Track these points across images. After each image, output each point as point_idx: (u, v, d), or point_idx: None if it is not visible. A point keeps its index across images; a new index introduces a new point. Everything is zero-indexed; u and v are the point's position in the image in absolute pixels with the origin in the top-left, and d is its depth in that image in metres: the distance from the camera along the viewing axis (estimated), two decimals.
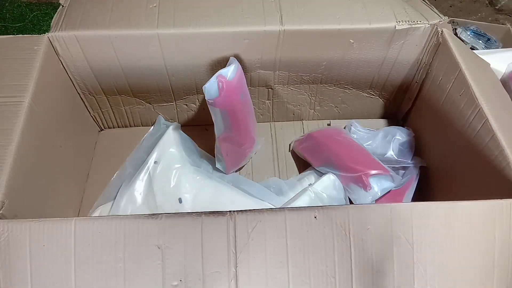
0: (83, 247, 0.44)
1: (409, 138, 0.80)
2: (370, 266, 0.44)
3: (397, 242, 0.45)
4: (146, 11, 0.69)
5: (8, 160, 0.53)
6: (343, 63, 0.75)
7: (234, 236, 0.44)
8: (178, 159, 0.77)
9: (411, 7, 0.72)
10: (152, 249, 0.44)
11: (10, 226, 0.45)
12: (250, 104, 0.75)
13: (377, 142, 0.80)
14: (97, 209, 0.73)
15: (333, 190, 0.72)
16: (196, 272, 0.44)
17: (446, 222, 0.45)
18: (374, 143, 0.80)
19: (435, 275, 0.45)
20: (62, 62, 0.70)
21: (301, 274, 0.44)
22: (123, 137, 0.86)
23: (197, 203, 0.72)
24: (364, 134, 0.81)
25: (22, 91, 0.58)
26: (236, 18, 0.69)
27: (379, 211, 0.45)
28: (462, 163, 0.66)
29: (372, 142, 0.80)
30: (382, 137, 0.80)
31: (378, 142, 0.80)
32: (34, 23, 0.67)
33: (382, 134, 0.81)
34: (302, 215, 0.45)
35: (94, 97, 0.79)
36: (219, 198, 0.73)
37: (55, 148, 0.67)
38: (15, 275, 0.44)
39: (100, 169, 0.81)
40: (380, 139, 0.80)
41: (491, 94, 0.63)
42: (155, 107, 0.83)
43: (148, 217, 0.45)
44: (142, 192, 0.73)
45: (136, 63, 0.71)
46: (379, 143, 0.80)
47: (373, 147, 0.80)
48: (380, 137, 0.80)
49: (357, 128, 0.82)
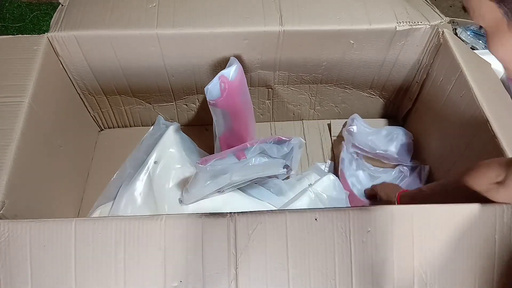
0: (83, 248, 0.44)
1: (409, 141, 0.81)
2: (370, 268, 0.44)
3: (397, 244, 0.45)
4: (146, 11, 0.69)
5: (8, 160, 0.52)
6: (343, 63, 0.75)
7: (235, 238, 0.44)
8: (178, 159, 0.77)
9: (412, 7, 0.72)
10: (152, 250, 0.44)
11: (10, 226, 0.45)
12: (251, 104, 0.75)
13: (380, 138, 0.80)
14: (97, 209, 0.73)
15: (333, 190, 0.72)
16: (196, 273, 0.44)
17: (446, 224, 0.45)
18: (377, 140, 0.80)
19: (436, 277, 0.45)
20: (61, 62, 0.69)
21: (301, 276, 0.44)
22: (123, 137, 0.86)
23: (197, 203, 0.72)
24: (366, 129, 0.82)
25: (22, 91, 0.58)
26: (236, 18, 0.69)
27: (379, 213, 0.45)
28: (463, 164, 0.66)
29: (375, 138, 0.80)
30: (385, 135, 0.81)
31: (381, 139, 0.80)
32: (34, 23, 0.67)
33: (386, 132, 0.81)
34: (302, 217, 0.45)
35: (94, 97, 0.79)
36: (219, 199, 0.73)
37: (55, 148, 0.67)
38: (15, 275, 0.44)
39: (100, 169, 0.81)
40: (383, 136, 0.81)
41: (492, 94, 0.63)
42: (155, 107, 0.83)
43: (148, 217, 0.45)
44: (142, 192, 0.73)
45: (136, 63, 0.71)
46: (382, 140, 0.80)
47: (375, 142, 0.80)
48: (383, 134, 0.81)
49: (359, 122, 0.82)
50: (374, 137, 0.80)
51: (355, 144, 0.80)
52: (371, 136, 0.80)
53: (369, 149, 0.79)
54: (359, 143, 0.80)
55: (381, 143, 0.80)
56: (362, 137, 0.80)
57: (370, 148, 0.79)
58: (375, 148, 0.79)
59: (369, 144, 0.79)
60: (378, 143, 0.80)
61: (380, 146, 0.79)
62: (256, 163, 0.68)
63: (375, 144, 0.79)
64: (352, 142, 0.80)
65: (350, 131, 0.81)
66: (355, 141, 0.80)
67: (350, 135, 0.81)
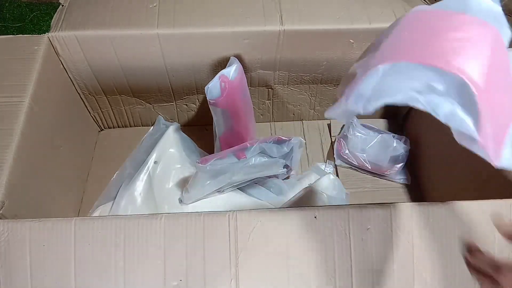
0: (83, 247, 0.44)
1: (402, 152, 0.80)
2: (370, 266, 0.44)
3: (397, 242, 0.45)
4: (146, 11, 0.69)
5: (8, 160, 0.53)
6: (343, 63, 0.75)
7: (235, 236, 0.44)
8: (178, 159, 0.77)
9: (411, 7, 0.72)
10: (152, 249, 0.44)
11: (10, 226, 0.45)
12: (250, 103, 0.75)
13: (374, 148, 0.81)
14: (97, 209, 0.73)
15: (333, 190, 0.72)
16: (196, 272, 0.44)
17: (446, 222, 0.45)
18: (370, 150, 0.81)
19: (436, 275, 0.45)
20: (62, 62, 0.69)
21: (301, 274, 0.44)
22: (123, 137, 0.86)
23: (198, 203, 0.72)
24: (362, 135, 0.82)
25: (22, 91, 0.58)
26: (236, 18, 0.69)
27: (379, 211, 0.45)
28: (463, 163, 0.66)
29: (369, 148, 0.81)
30: (378, 145, 0.81)
31: (374, 149, 0.81)
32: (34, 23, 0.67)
33: (379, 140, 0.81)
34: (302, 215, 0.45)
35: (94, 97, 0.79)
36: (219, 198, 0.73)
37: (55, 148, 0.67)
38: (15, 275, 0.44)
39: (100, 169, 0.81)
40: (376, 146, 0.81)
41: None
42: (155, 107, 0.83)
43: (148, 217, 0.45)
44: (142, 192, 0.73)
45: (136, 63, 0.71)
46: (374, 150, 0.81)
47: (368, 152, 0.81)
48: (376, 144, 0.81)
49: (357, 129, 0.82)
50: (367, 147, 0.81)
51: (346, 153, 0.82)
52: (365, 145, 0.81)
53: (358, 162, 0.81)
54: (348, 157, 0.82)
55: (372, 154, 0.80)
56: (353, 148, 0.81)
57: (359, 162, 0.81)
58: (367, 159, 0.80)
59: (359, 158, 0.81)
60: (370, 153, 0.80)
61: (371, 157, 0.80)
62: (256, 163, 0.68)
63: (367, 155, 0.80)
64: (344, 150, 0.82)
65: (344, 136, 0.83)
66: (347, 149, 0.82)
67: (344, 141, 0.82)
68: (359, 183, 0.82)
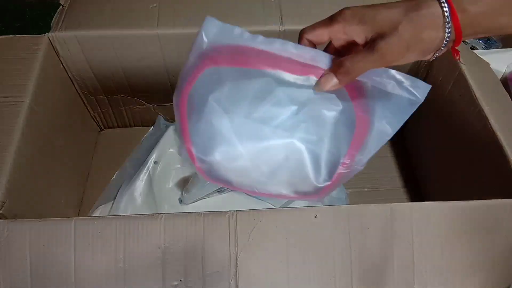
0: (83, 247, 0.44)
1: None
2: (370, 266, 0.44)
3: (397, 242, 0.45)
4: (147, 11, 0.69)
5: (8, 160, 0.52)
6: None
7: (235, 236, 0.44)
8: (178, 159, 0.77)
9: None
10: (152, 249, 0.44)
11: (10, 226, 0.45)
12: None
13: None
14: (97, 209, 0.73)
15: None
16: (196, 272, 0.44)
17: (446, 222, 0.45)
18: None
19: (436, 275, 0.45)
20: (62, 62, 0.69)
21: (301, 274, 0.44)
22: (123, 137, 0.86)
23: (198, 203, 0.72)
24: None
25: (22, 91, 0.58)
26: (236, 18, 0.69)
27: (379, 211, 0.45)
28: (462, 163, 0.66)
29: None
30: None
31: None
32: (34, 23, 0.67)
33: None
34: (302, 215, 0.45)
35: (94, 97, 0.79)
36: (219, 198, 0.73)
37: (55, 148, 0.67)
38: (15, 275, 0.44)
39: (100, 169, 0.81)
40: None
41: (492, 94, 0.63)
42: (155, 107, 0.83)
43: (148, 217, 0.45)
44: (142, 192, 0.73)
45: (136, 63, 0.71)
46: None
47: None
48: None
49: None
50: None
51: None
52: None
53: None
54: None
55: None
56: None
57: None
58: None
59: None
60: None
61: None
62: None
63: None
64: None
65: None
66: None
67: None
68: (359, 183, 0.82)
